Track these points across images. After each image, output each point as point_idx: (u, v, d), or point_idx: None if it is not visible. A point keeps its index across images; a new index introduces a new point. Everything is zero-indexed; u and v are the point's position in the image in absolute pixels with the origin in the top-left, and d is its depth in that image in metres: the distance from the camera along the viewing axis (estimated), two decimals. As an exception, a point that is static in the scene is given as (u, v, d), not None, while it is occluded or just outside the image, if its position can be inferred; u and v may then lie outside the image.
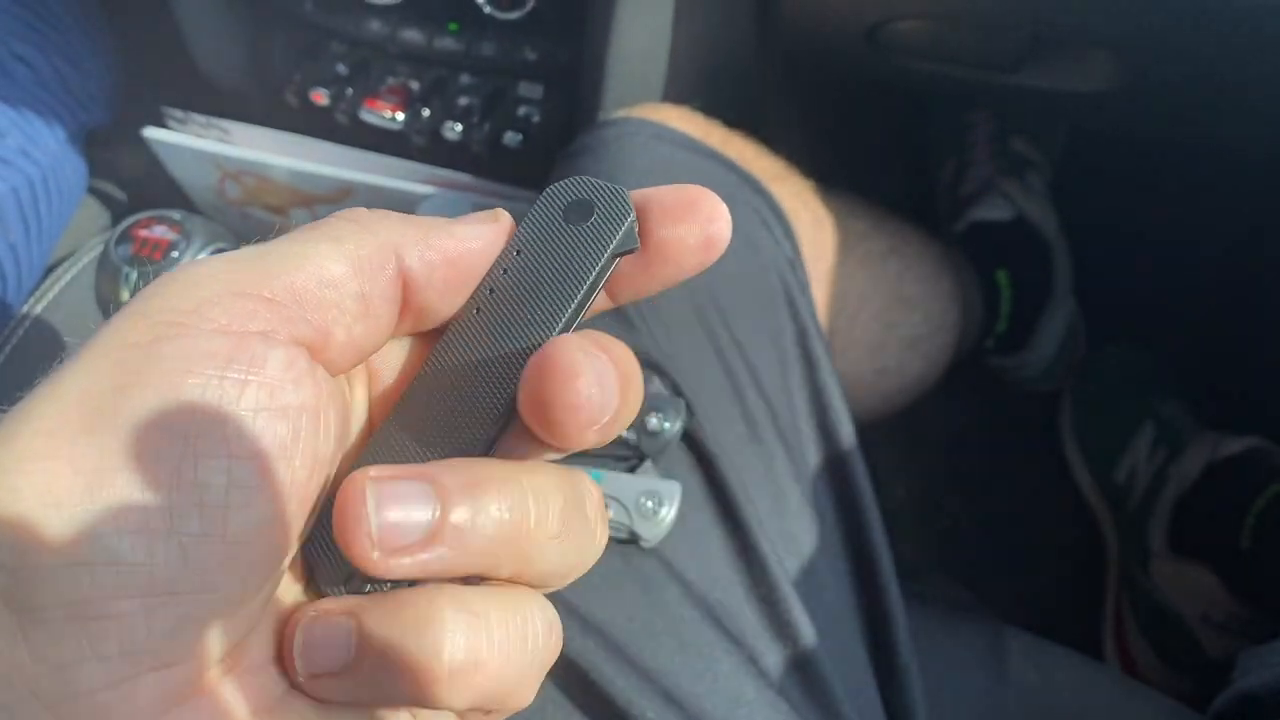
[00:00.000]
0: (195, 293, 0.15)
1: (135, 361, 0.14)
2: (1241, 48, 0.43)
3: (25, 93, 0.45)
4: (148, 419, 0.14)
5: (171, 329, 0.15)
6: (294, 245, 0.16)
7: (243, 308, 0.15)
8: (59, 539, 0.13)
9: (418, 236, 0.17)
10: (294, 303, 0.16)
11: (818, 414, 0.39)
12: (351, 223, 0.17)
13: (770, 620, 0.33)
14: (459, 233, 0.18)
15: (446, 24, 0.53)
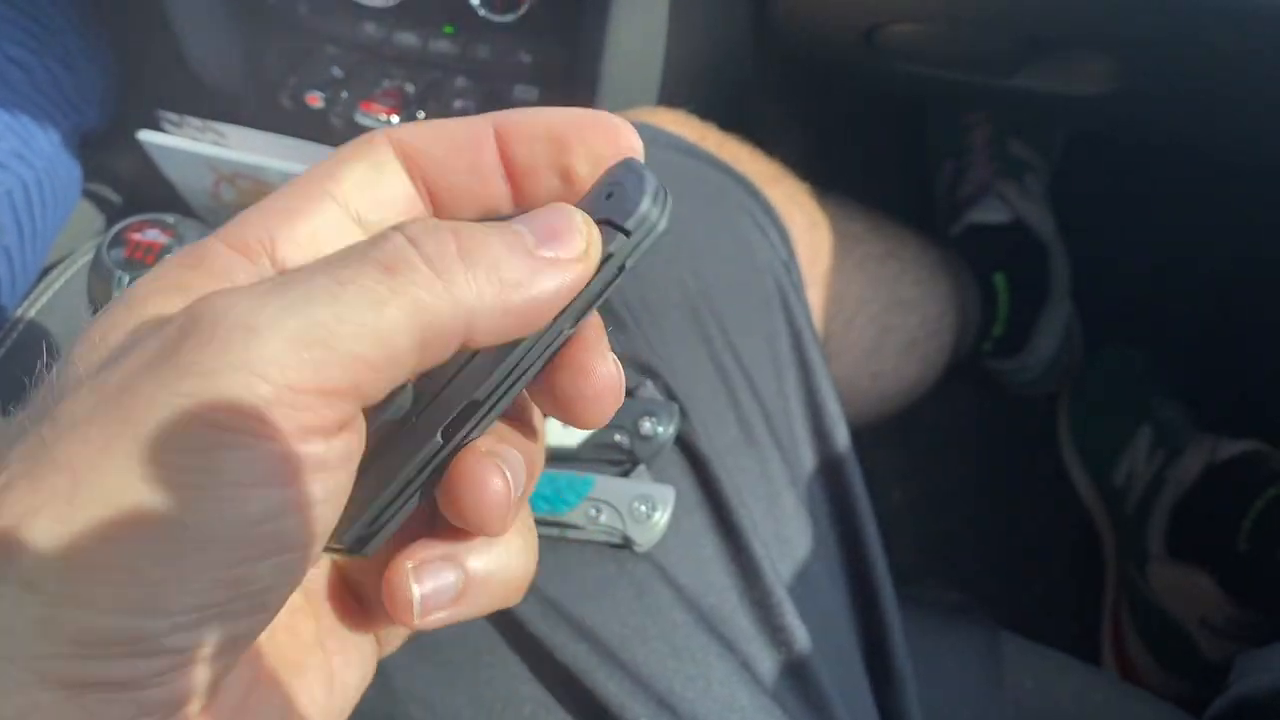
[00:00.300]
0: (255, 389, 0.14)
1: (196, 476, 0.14)
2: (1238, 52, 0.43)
3: (20, 96, 0.45)
4: (208, 535, 0.14)
5: (230, 436, 0.14)
6: (363, 310, 0.15)
7: (303, 406, 0.15)
8: (111, 636, 0.14)
9: (499, 295, 0.16)
10: (355, 391, 0.15)
11: (813, 417, 0.39)
12: (432, 276, 0.16)
13: (764, 625, 0.33)
14: (545, 281, 0.17)
15: (442, 27, 0.53)
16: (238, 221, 0.18)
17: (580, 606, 0.32)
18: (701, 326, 0.37)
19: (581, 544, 0.33)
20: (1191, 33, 0.43)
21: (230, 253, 0.18)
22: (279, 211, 0.18)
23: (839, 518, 0.38)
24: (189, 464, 0.14)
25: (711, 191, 0.40)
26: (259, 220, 0.18)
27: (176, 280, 0.17)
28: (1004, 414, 0.80)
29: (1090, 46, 0.49)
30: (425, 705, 0.31)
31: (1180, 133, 0.63)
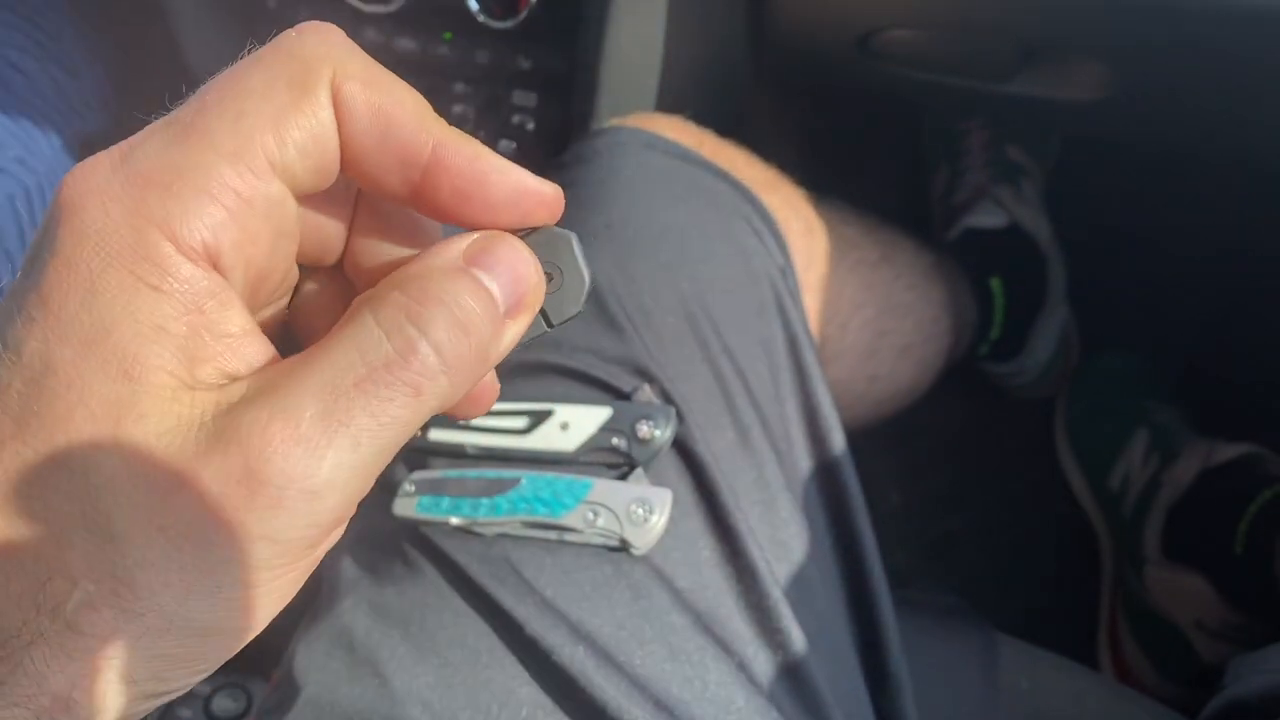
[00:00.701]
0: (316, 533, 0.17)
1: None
2: (1232, 57, 0.43)
3: (22, 102, 0.45)
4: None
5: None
6: (398, 439, 0.18)
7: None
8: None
9: (466, 384, 0.18)
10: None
11: (809, 421, 0.39)
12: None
13: (761, 627, 0.33)
14: (496, 358, 0.19)
15: (441, 33, 0.54)
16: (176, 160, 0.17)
17: (578, 608, 0.32)
18: (698, 331, 0.37)
19: (579, 547, 0.33)
20: (1186, 38, 0.43)
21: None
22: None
23: (835, 520, 0.39)
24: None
25: (708, 197, 0.41)
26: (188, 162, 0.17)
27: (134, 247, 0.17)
28: (1000, 418, 0.80)
29: (1085, 53, 0.49)
30: (424, 706, 0.31)
31: (1175, 137, 0.63)
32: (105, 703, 0.16)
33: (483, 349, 0.18)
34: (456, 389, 0.18)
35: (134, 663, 0.16)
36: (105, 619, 0.16)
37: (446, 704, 0.31)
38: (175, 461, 0.16)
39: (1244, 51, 0.42)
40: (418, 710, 0.31)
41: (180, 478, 0.16)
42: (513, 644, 0.32)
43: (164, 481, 0.16)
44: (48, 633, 0.16)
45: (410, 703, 0.31)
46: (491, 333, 0.18)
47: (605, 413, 0.34)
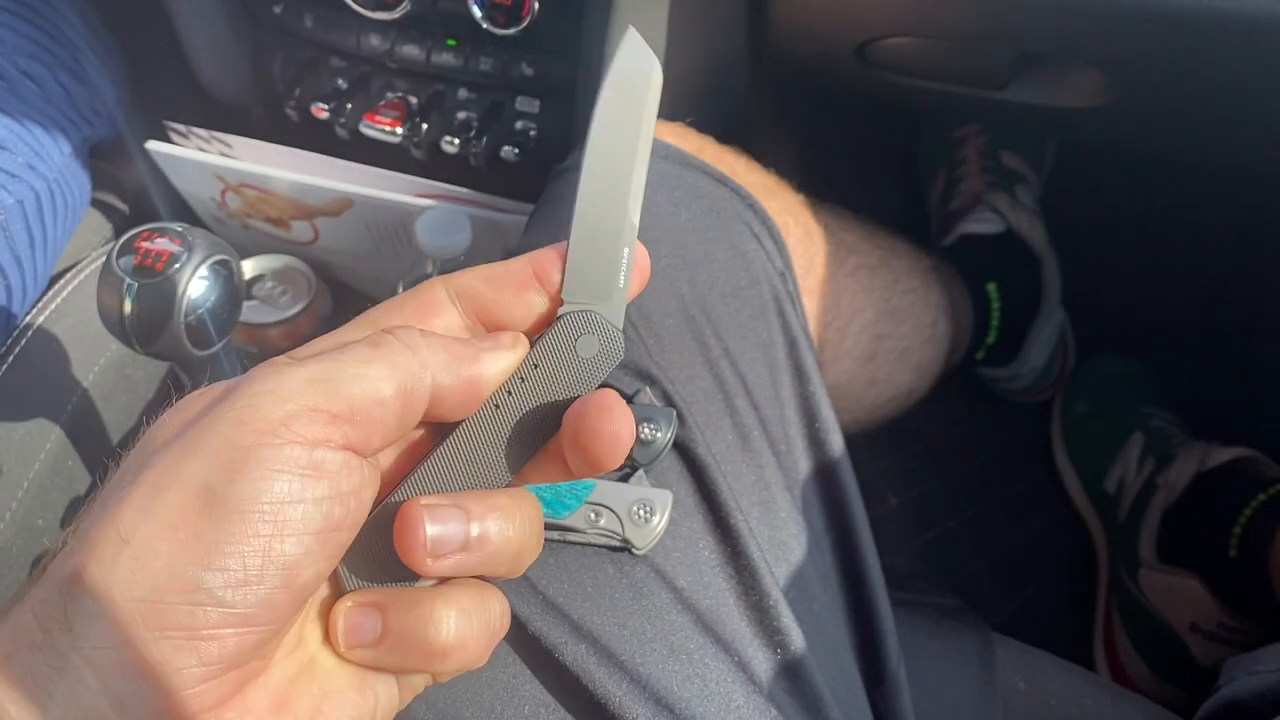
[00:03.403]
0: (282, 407, 0.20)
1: (240, 462, 0.20)
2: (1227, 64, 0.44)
3: (32, 108, 0.46)
4: (248, 506, 0.20)
5: (265, 438, 0.20)
6: (356, 364, 0.21)
7: (315, 422, 0.21)
8: (186, 586, 0.19)
9: (450, 362, 0.22)
10: (351, 419, 0.21)
11: (807, 424, 0.39)
12: (403, 347, 0.22)
13: (760, 627, 0.33)
14: (485, 361, 0.23)
15: (445, 39, 0.54)
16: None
17: (580, 608, 0.32)
18: (699, 334, 0.38)
19: (581, 547, 0.33)
20: (1180, 46, 0.44)
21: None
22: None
23: (834, 522, 0.39)
24: (234, 456, 0.20)
25: (708, 202, 0.41)
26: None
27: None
28: (997, 421, 0.81)
29: (1080, 60, 0.50)
30: (427, 704, 0.31)
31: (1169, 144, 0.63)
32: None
33: (446, 345, 0.23)
34: (421, 355, 0.22)
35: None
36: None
37: (450, 702, 0.31)
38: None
39: (1239, 58, 0.43)
40: (421, 708, 0.31)
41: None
42: (515, 642, 0.32)
43: None
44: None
45: (414, 702, 0.31)
46: (455, 344, 0.23)
47: (607, 415, 0.34)
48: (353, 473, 0.21)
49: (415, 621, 0.22)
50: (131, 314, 0.35)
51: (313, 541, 0.20)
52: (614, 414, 0.22)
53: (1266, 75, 0.43)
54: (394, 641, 0.22)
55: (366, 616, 0.22)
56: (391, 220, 0.56)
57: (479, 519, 0.22)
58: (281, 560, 0.20)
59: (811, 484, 0.39)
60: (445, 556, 0.22)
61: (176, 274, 0.35)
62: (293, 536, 0.20)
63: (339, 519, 0.21)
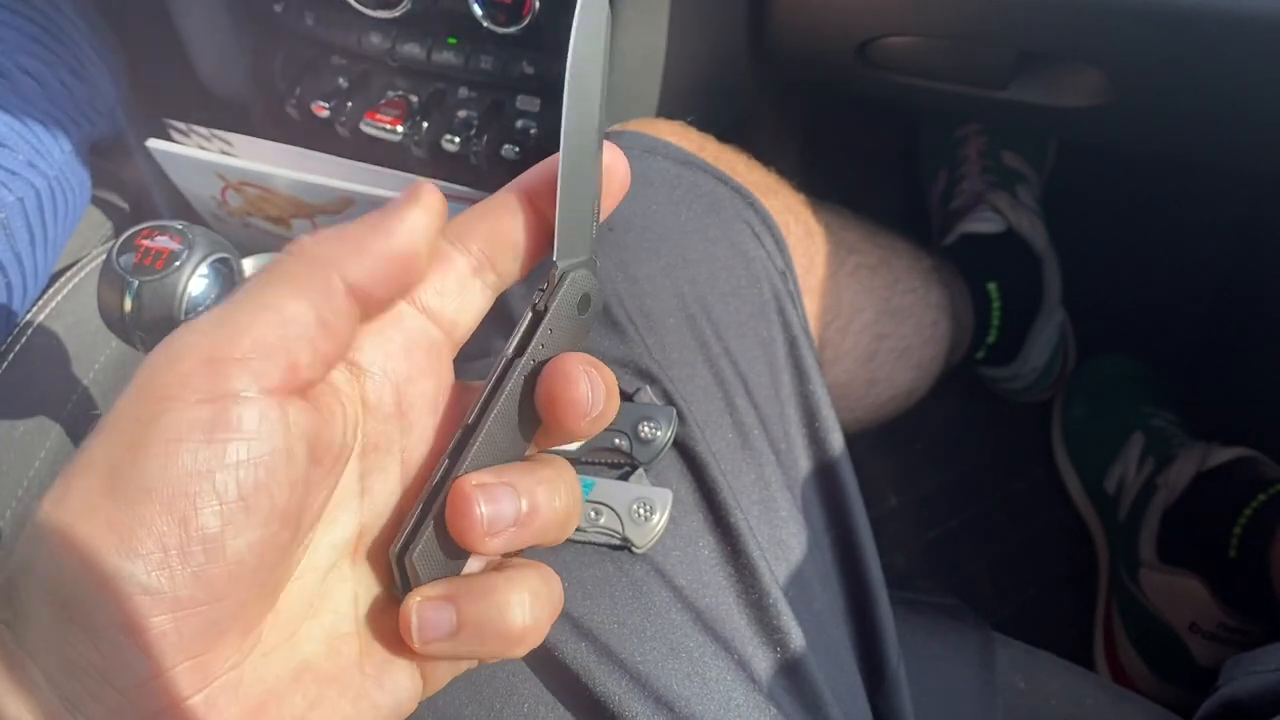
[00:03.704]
0: (179, 367, 0.19)
1: (141, 436, 0.19)
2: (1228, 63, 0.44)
3: (33, 106, 0.46)
4: (154, 483, 0.18)
5: (163, 404, 0.19)
6: (253, 298, 0.20)
7: (218, 374, 0.19)
8: (106, 577, 0.18)
9: (354, 250, 0.21)
10: (261, 354, 0.19)
11: (808, 423, 0.39)
12: (296, 256, 0.21)
13: (760, 625, 0.33)
14: (395, 229, 0.21)
15: (445, 38, 0.54)
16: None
17: (580, 606, 0.32)
18: (699, 333, 0.38)
19: (581, 545, 0.33)
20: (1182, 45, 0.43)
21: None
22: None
23: (833, 521, 0.39)
24: (134, 431, 0.19)
25: (709, 201, 0.41)
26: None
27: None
28: (997, 421, 0.81)
29: (1081, 60, 0.50)
30: (428, 703, 0.31)
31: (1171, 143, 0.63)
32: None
33: (343, 229, 0.22)
34: (318, 251, 0.21)
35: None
36: None
37: (449, 700, 0.31)
38: None
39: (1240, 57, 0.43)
40: (421, 707, 0.31)
41: None
42: (515, 641, 0.32)
43: None
44: None
45: (414, 699, 0.31)
46: (353, 225, 0.22)
47: (607, 413, 0.34)
48: (273, 428, 0.19)
49: (490, 609, 0.22)
50: (132, 312, 0.35)
51: (234, 511, 0.19)
52: (569, 377, 0.22)
53: (1268, 74, 0.43)
54: (471, 631, 0.22)
55: (440, 610, 0.22)
56: (392, 219, 0.55)
57: (528, 493, 0.22)
58: (201, 535, 0.18)
59: (811, 483, 0.39)
60: (500, 534, 0.22)
61: (177, 272, 0.35)
62: (208, 509, 0.18)
63: (262, 482, 0.19)
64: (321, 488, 0.22)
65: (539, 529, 0.22)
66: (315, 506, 0.22)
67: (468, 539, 0.22)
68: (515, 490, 0.22)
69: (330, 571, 0.23)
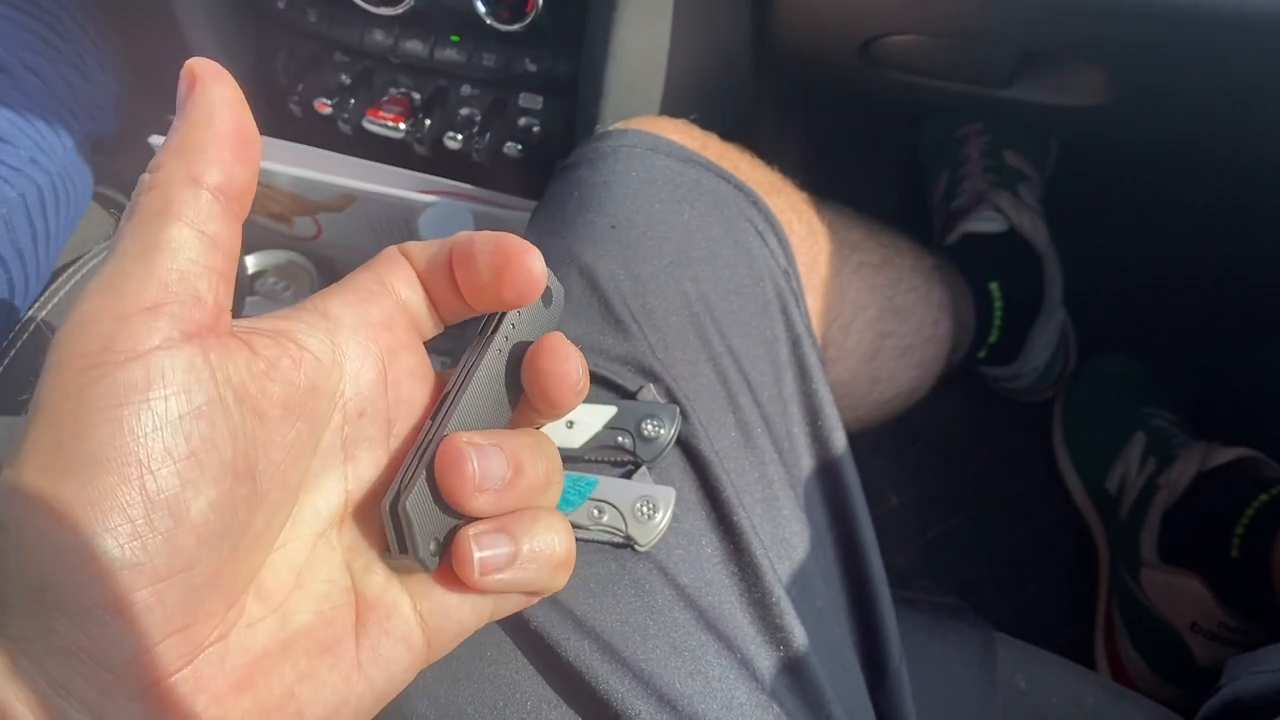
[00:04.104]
0: (96, 331, 0.19)
1: (79, 408, 0.18)
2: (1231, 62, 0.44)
3: (35, 102, 0.46)
4: (106, 454, 0.18)
5: (91, 373, 0.18)
6: (133, 242, 0.20)
7: (137, 328, 0.19)
8: (80, 558, 0.18)
9: (192, 153, 0.21)
10: (167, 294, 0.19)
11: (810, 421, 0.39)
12: (150, 189, 0.20)
13: (762, 624, 0.33)
14: (211, 116, 0.21)
15: (448, 35, 0.54)
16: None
17: (582, 604, 0.32)
18: (702, 331, 0.38)
19: (584, 543, 0.33)
20: (1185, 44, 0.43)
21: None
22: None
23: (836, 519, 0.39)
24: (69, 406, 0.18)
25: (712, 199, 0.41)
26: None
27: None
28: (998, 421, 0.81)
29: (1084, 59, 0.50)
30: (430, 700, 0.31)
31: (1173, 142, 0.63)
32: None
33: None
34: (172, 174, 0.21)
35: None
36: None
37: (452, 698, 0.31)
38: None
39: (1243, 56, 0.43)
40: (424, 705, 0.31)
41: None
42: (518, 639, 0.32)
43: None
44: None
45: (416, 697, 0.31)
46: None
47: (610, 411, 0.34)
48: (201, 379, 0.19)
49: (539, 535, 0.23)
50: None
51: (189, 468, 0.19)
52: (560, 355, 0.23)
53: (1271, 74, 0.43)
54: (526, 560, 0.23)
55: (497, 538, 0.22)
56: (394, 216, 0.56)
57: (513, 454, 0.23)
58: (163, 499, 0.18)
59: (814, 481, 0.39)
60: (488, 491, 0.22)
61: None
62: (164, 470, 0.18)
63: (206, 435, 0.19)
64: (289, 449, 0.21)
65: (524, 491, 0.23)
66: (278, 467, 0.21)
67: (458, 494, 0.22)
68: (502, 450, 0.23)
69: (318, 541, 0.23)
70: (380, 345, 0.24)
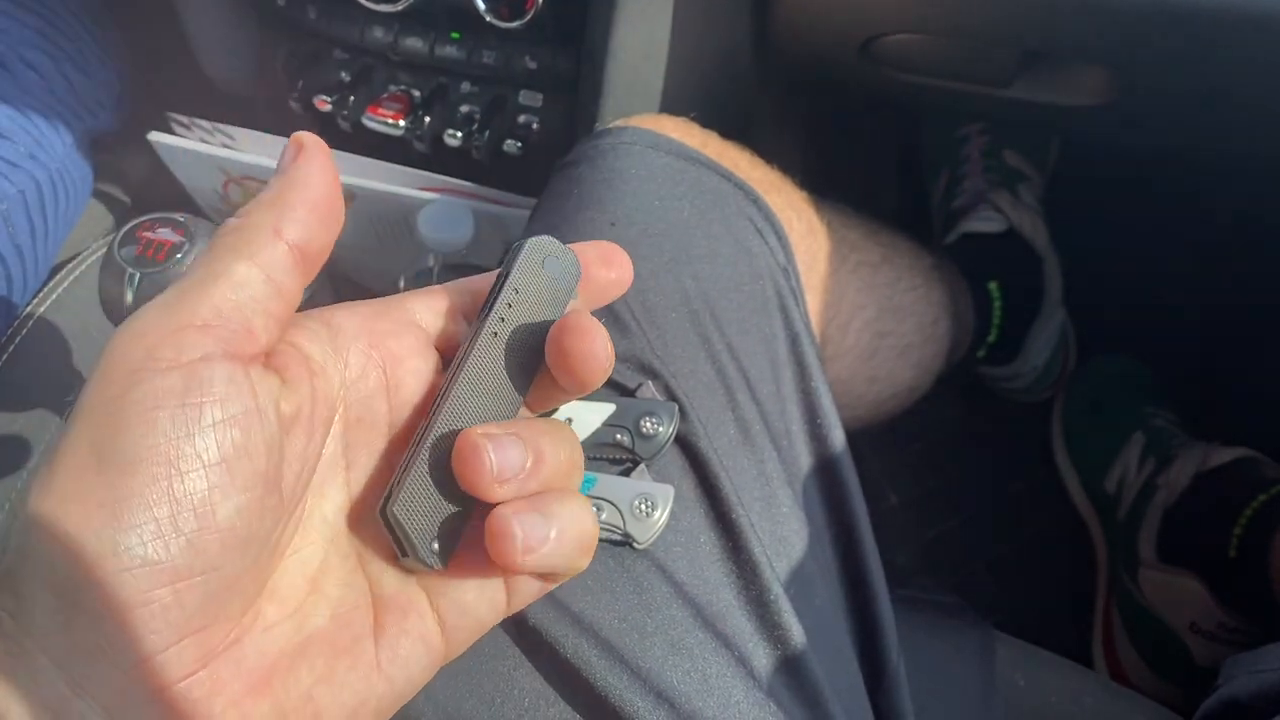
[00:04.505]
0: (144, 341, 0.19)
1: (117, 411, 0.19)
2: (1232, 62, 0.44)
3: (35, 98, 0.46)
4: (138, 453, 0.18)
5: (135, 377, 0.19)
6: (204, 269, 0.21)
7: (184, 343, 0.20)
8: (102, 555, 0.18)
9: (283, 208, 0.22)
10: (219, 319, 0.20)
11: (809, 419, 0.39)
12: (235, 228, 0.22)
13: (761, 622, 0.33)
14: (309, 182, 0.22)
15: (448, 32, 0.54)
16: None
17: (580, 601, 0.32)
18: (701, 329, 0.37)
19: (582, 540, 0.33)
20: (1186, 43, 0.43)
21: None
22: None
23: (834, 518, 0.39)
24: (110, 408, 0.19)
25: (712, 197, 0.41)
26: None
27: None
28: (997, 420, 0.81)
29: (1085, 58, 0.50)
30: (427, 695, 0.31)
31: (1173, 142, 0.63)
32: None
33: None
34: (256, 218, 0.22)
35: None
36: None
37: (450, 694, 0.31)
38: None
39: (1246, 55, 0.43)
40: (421, 699, 0.31)
41: None
42: (515, 635, 0.32)
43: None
44: None
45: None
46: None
47: (609, 408, 0.34)
48: (241, 390, 0.20)
49: (573, 512, 0.23)
50: (133, 304, 0.35)
51: (219, 474, 0.19)
52: (587, 334, 0.23)
53: (1272, 73, 0.43)
54: (562, 538, 0.22)
55: (536, 519, 0.22)
56: (394, 213, 0.55)
57: (533, 442, 0.23)
58: (189, 501, 0.19)
59: (813, 480, 0.39)
60: (509, 481, 0.22)
61: (179, 264, 0.35)
62: (193, 473, 0.19)
63: (239, 443, 0.19)
64: (300, 458, 0.22)
65: (546, 478, 0.23)
66: (298, 477, 0.22)
67: (479, 486, 0.22)
68: (521, 439, 0.23)
69: (330, 546, 0.23)
70: (382, 351, 0.24)
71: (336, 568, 0.23)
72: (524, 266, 0.25)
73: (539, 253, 0.25)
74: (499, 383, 0.24)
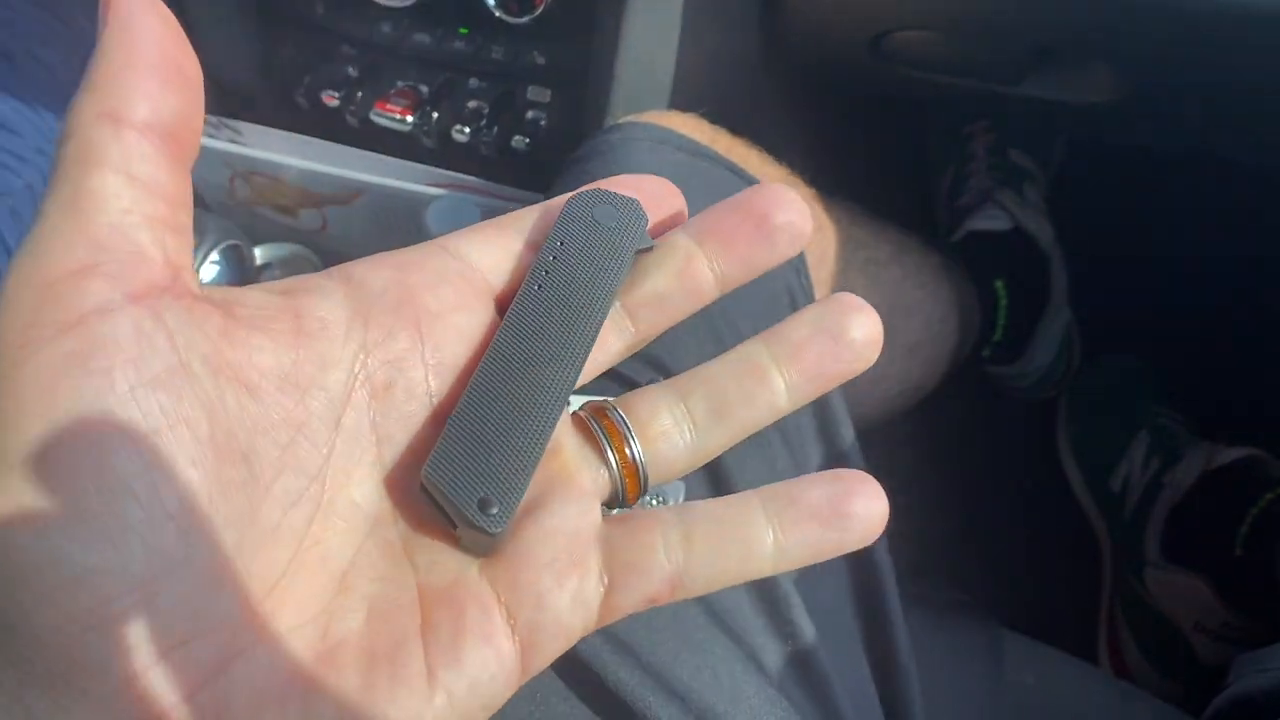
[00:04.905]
0: (21, 305, 0.15)
1: (9, 396, 0.15)
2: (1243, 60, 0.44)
3: (43, 93, 0.46)
4: (50, 444, 0.15)
5: (20, 352, 0.15)
6: (55, 199, 0.16)
7: (67, 294, 0.15)
8: (34, 571, 0.15)
9: (115, 87, 0.17)
10: (101, 252, 0.16)
11: (819, 416, 0.39)
12: (66, 136, 0.17)
13: (770, 619, 0.33)
14: (134, 40, 0.17)
15: (457, 28, 0.54)
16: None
17: (591, 597, 0.32)
18: (712, 325, 0.37)
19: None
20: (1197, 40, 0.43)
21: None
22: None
23: (843, 515, 0.39)
24: (7, 405, 0.15)
25: (721, 193, 0.41)
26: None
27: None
28: (1003, 419, 0.81)
29: (1095, 56, 0.50)
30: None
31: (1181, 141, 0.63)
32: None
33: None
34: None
35: None
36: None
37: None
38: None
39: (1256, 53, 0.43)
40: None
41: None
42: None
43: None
44: None
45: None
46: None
47: (620, 404, 0.34)
48: (155, 343, 0.16)
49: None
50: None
51: (154, 447, 0.15)
52: (782, 200, 0.23)
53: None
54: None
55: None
56: (401, 209, 0.55)
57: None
58: (124, 486, 0.15)
59: None
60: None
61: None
62: (120, 451, 0.15)
63: (171, 409, 0.16)
64: (287, 424, 0.18)
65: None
66: (284, 448, 0.18)
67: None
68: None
69: (363, 535, 0.19)
70: (416, 307, 0.20)
71: (374, 561, 0.19)
72: (568, 216, 0.22)
73: (587, 202, 0.22)
74: (551, 340, 0.21)
